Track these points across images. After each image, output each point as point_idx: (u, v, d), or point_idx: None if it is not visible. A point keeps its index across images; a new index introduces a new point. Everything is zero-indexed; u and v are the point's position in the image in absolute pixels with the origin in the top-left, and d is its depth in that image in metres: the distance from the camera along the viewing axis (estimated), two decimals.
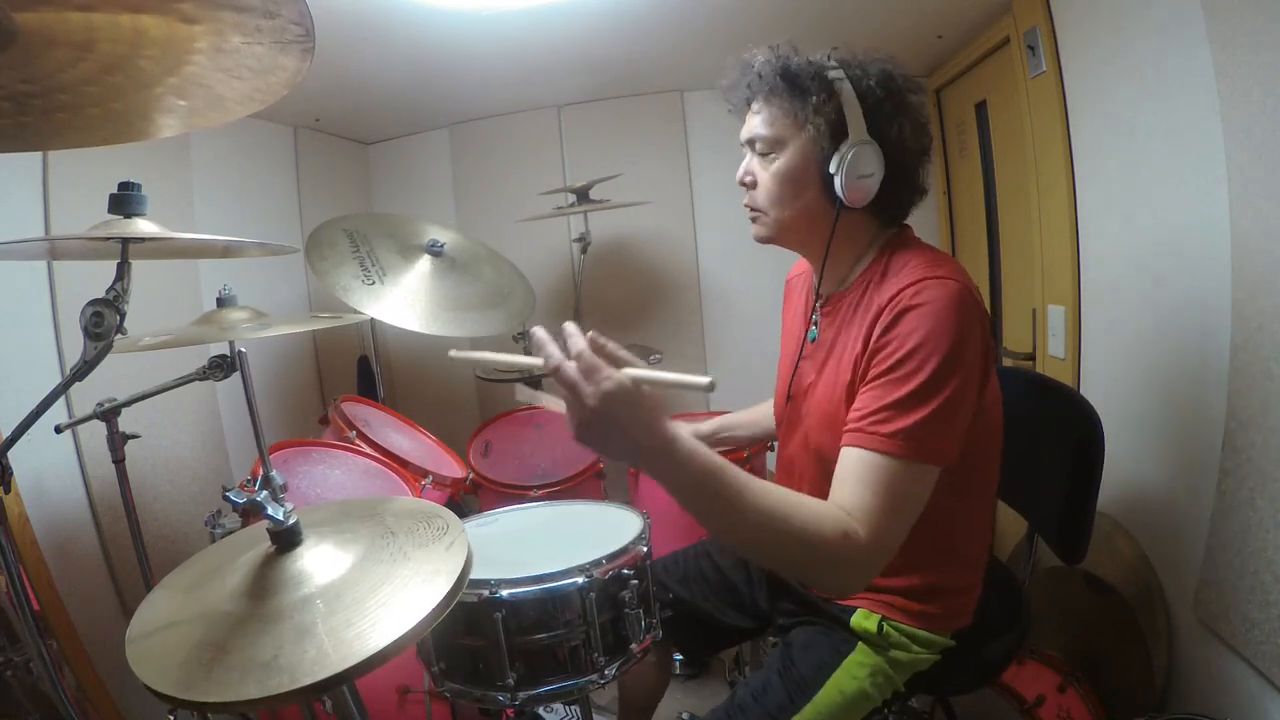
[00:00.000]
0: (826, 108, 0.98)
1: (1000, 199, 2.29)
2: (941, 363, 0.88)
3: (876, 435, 0.88)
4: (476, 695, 1.06)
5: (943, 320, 0.89)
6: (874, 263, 1.04)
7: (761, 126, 1.03)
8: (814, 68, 0.99)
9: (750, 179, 1.06)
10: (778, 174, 1.03)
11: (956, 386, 0.88)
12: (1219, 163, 1.21)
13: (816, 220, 1.04)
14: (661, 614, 1.18)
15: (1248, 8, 1.12)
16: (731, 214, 2.72)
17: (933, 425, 0.87)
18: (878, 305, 0.95)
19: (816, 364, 1.09)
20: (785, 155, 1.02)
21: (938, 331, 0.88)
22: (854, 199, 0.99)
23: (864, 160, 0.97)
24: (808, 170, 1.01)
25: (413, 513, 0.94)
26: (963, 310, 0.90)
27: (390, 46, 1.97)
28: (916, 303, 0.90)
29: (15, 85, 0.70)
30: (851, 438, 0.91)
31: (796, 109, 0.99)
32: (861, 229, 1.06)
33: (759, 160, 1.05)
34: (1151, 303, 1.48)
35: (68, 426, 1.34)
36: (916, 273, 0.94)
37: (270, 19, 0.68)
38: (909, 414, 0.87)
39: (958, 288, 0.91)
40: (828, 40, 1.06)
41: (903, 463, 0.87)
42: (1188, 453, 1.39)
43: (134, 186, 0.93)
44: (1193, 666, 1.39)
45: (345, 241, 1.96)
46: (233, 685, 0.69)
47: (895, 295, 0.92)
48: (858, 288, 1.04)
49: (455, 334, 1.95)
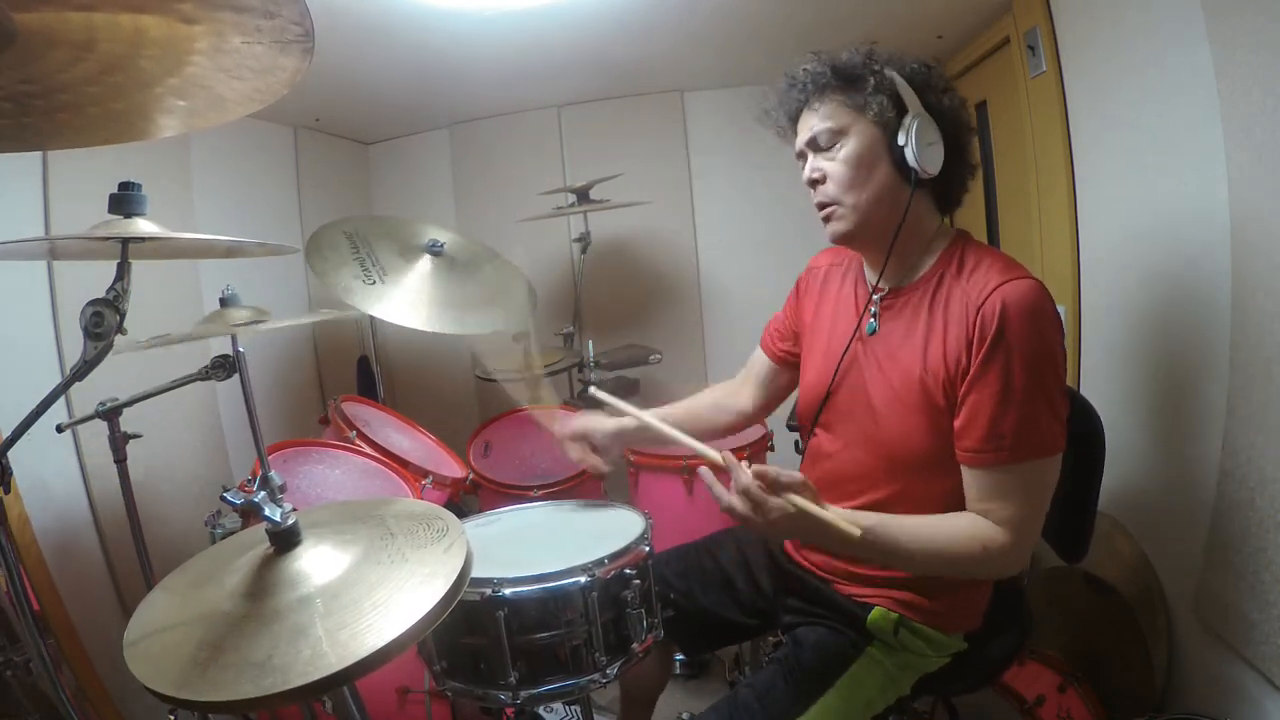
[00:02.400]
0: (883, 87, 1.02)
1: (1000, 199, 2.29)
2: (1045, 360, 0.94)
3: (1000, 454, 0.95)
4: (478, 694, 1.06)
5: (1042, 321, 0.94)
6: (943, 257, 1.06)
7: (821, 121, 1.05)
8: (861, 55, 1.05)
9: (819, 174, 1.07)
10: (848, 158, 1.04)
11: (1057, 376, 0.96)
12: (1219, 163, 1.21)
13: (892, 202, 1.05)
14: (663, 614, 1.18)
15: (1248, 8, 1.12)
16: (731, 214, 2.76)
17: (1045, 422, 0.94)
18: (964, 303, 0.98)
19: (879, 356, 1.08)
20: (851, 140, 1.04)
21: (1039, 333, 0.94)
22: (927, 168, 1.01)
23: (927, 129, 1.01)
24: (877, 148, 1.03)
25: (413, 514, 0.94)
26: (1049, 305, 0.96)
27: (390, 46, 1.97)
28: (1015, 309, 0.94)
29: (15, 85, 0.70)
30: (976, 459, 0.97)
31: (853, 97, 1.04)
32: (927, 217, 1.08)
33: (823, 156, 1.07)
34: (1152, 302, 1.48)
35: (68, 426, 1.34)
36: (1000, 273, 0.98)
37: (270, 19, 0.68)
38: (1024, 422, 0.93)
39: (1041, 286, 0.96)
40: (828, 41, 1.07)
41: (1029, 465, 0.95)
42: (1188, 453, 1.39)
43: (134, 186, 0.93)
44: (1193, 666, 1.39)
45: (345, 243, 1.96)
46: (228, 685, 0.68)
47: (987, 298, 0.96)
48: (927, 282, 1.06)
49: (456, 333, 1.95)
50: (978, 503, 0.98)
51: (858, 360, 1.11)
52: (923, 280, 1.06)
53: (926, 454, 1.02)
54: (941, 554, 0.97)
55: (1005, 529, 0.95)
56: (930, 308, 1.03)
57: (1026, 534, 0.96)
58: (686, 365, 2.80)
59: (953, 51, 2.31)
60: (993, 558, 0.95)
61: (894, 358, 1.06)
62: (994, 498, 0.96)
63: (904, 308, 1.07)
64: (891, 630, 1.06)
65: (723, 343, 2.85)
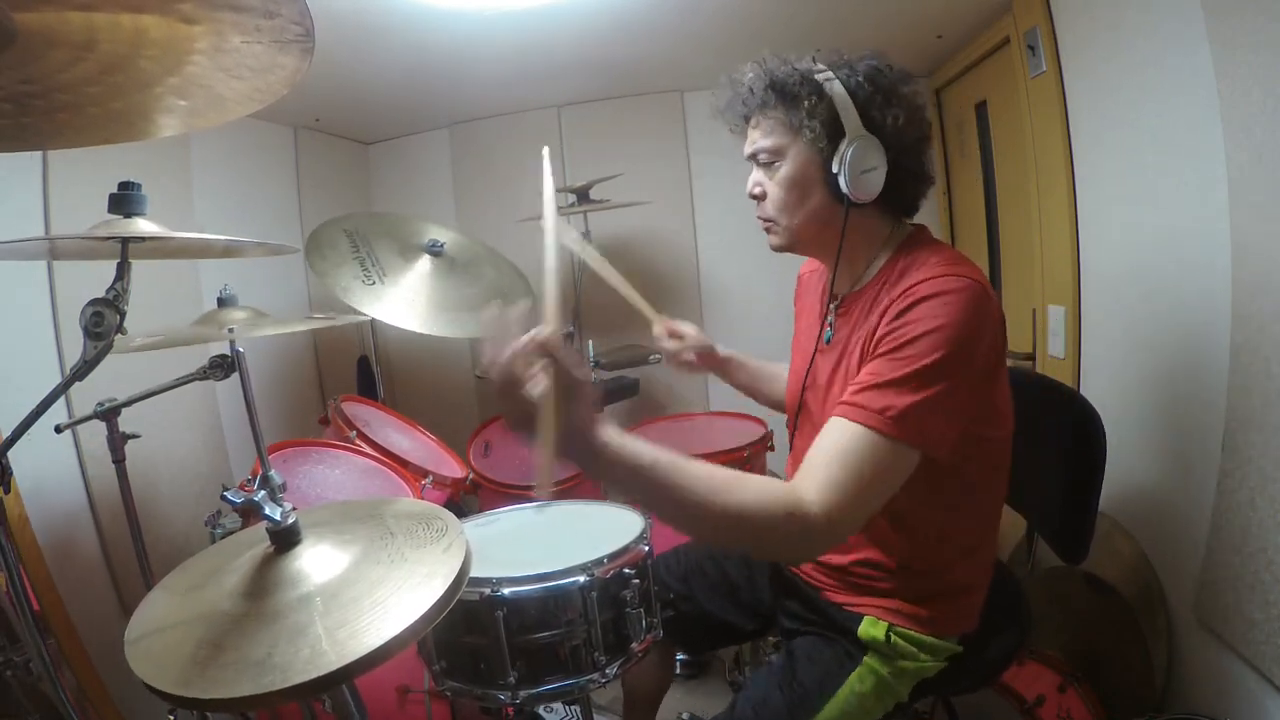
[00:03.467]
0: (819, 109, 0.99)
1: (1000, 199, 2.29)
2: (947, 353, 0.87)
3: (865, 409, 0.87)
4: (477, 694, 1.06)
5: (955, 313, 0.88)
6: (890, 261, 1.04)
7: (761, 139, 1.05)
8: (799, 73, 1.00)
9: (759, 190, 1.08)
10: (783, 181, 1.04)
11: (958, 380, 0.88)
12: (1219, 163, 1.21)
13: (827, 222, 1.04)
14: (663, 614, 1.18)
15: (1248, 8, 1.11)
16: (731, 214, 2.76)
17: (924, 410, 0.86)
18: (894, 296, 0.95)
19: (830, 364, 1.09)
20: (787, 162, 1.03)
21: (949, 323, 0.88)
22: (860, 195, 0.99)
23: (865, 154, 0.97)
24: (811, 173, 1.02)
25: (413, 514, 0.94)
26: (978, 309, 0.89)
27: (391, 46, 1.97)
28: (931, 293, 0.90)
29: (15, 85, 0.70)
30: (840, 409, 0.90)
31: (790, 116, 1.01)
32: (874, 226, 1.06)
33: (765, 172, 1.07)
34: (1151, 302, 1.48)
35: (68, 426, 1.34)
36: (935, 269, 0.94)
37: (270, 19, 0.68)
38: (903, 394, 0.86)
39: (975, 286, 0.91)
40: (828, 41, 1.06)
41: (885, 439, 0.86)
42: (1188, 453, 1.39)
43: (134, 186, 0.93)
44: (1193, 666, 1.39)
45: (345, 242, 1.96)
46: (227, 683, 0.69)
47: (910, 287, 0.93)
48: (873, 287, 1.04)
49: (456, 335, 1.96)
50: (814, 454, 0.88)
51: (818, 367, 1.13)
52: (870, 286, 1.05)
53: None
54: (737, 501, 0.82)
55: (819, 498, 0.83)
56: (869, 312, 1.01)
57: (840, 515, 0.83)
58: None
59: (953, 51, 2.31)
60: (795, 531, 0.82)
61: (841, 364, 1.06)
62: (832, 453, 0.86)
63: (850, 314, 1.07)
64: (884, 639, 1.04)
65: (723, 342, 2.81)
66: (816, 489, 0.84)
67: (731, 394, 1.55)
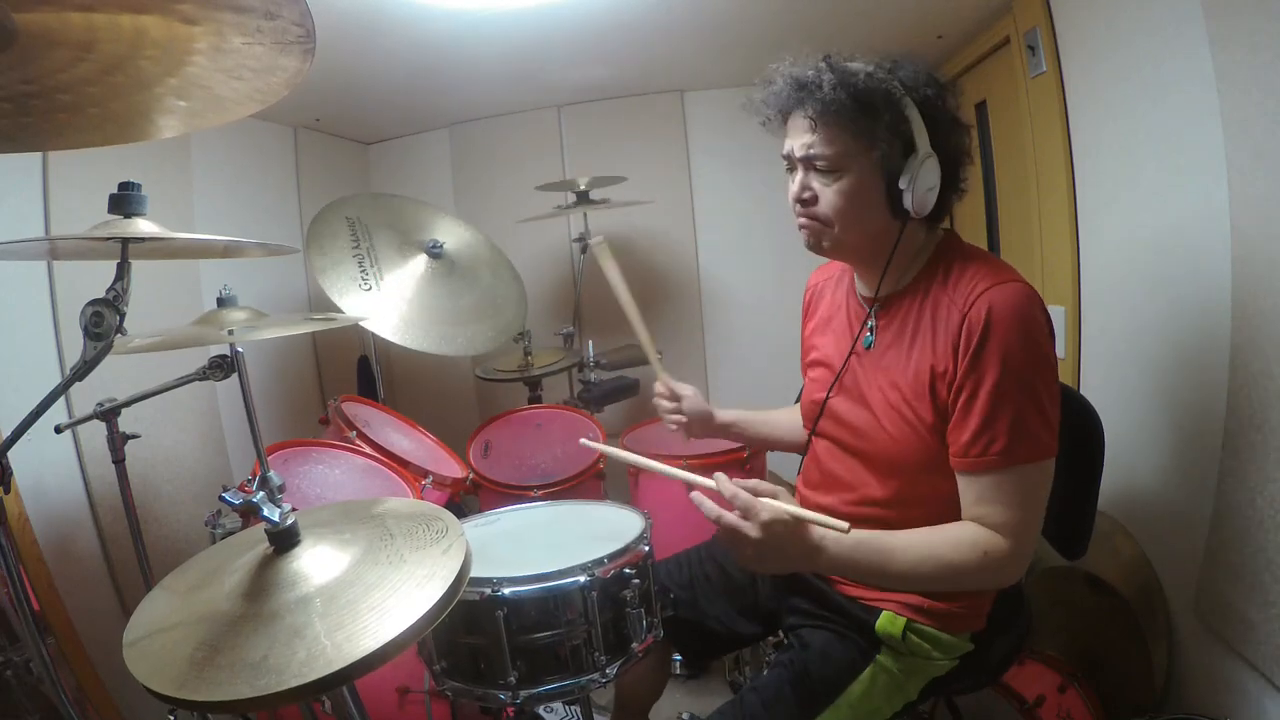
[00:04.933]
0: (897, 126, 0.98)
1: (1000, 199, 2.29)
2: (1032, 364, 0.94)
3: (989, 458, 0.94)
4: (477, 694, 1.06)
5: (1029, 325, 0.94)
6: (930, 263, 1.06)
7: (822, 145, 0.99)
8: (881, 85, 0.97)
9: (810, 195, 1.03)
10: (845, 192, 1.01)
11: (1046, 380, 0.95)
12: (1219, 163, 1.21)
13: (881, 235, 1.04)
14: (663, 614, 1.18)
15: (1248, 8, 1.12)
16: (732, 214, 2.76)
17: (1034, 426, 0.94)
18: (951, 309, 0.98)
19: (872, 368, 1.08)
20: (853, 174, 1.00)
21: (1026, 337, 0.93)
22: (921, 211, 1.00)
23: (930, 174, 0.99)
24: (876, 186, 1.00)
25: (413, 515, 0.94)
26: (1038, 308, 0.96)
27: (391, 46, 1.97)
28: (999, 313, 0.94)
29: (15, 85, 0.71)
30: (968, 464, 0.97)
31: (865, 129, 0.97)
32: (915, 234, 1.07)
33: (820, 178, 1.02)
34: (1151, 302, 1.48)
35: (68, 426, 1.34)
36: (987, 277, 0.97)
37: (271, 20, 0.68)
38: (1014, 426, 0.93)
39: (1028, 289, 0.96)
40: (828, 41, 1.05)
41: (1019, 469, 0.94)
42: (1188, 453, 1.39)
43: (134, 186, 0.93)
44: (1193, 666, 1.39)
45: (346, 232, 1.96)
46: (223, 685, 0.68)
47: (973, 303, 0.95)
48: (915, 290, 1.05)
49: (446, 353, 2.00)
50: (972, 508, 0.97)
51: (854, 371, 1.12)
52: (910, 287, 1.06)
53: (922, 460, 1.02)
54: (940, 561, 0.96)
55: (1002, 534, 0.95)
56: (919, 315, 1.03)
57: (1024, 539, 0.95)
58: (687, 365, 2.80)
59: (953, 51, 2.31)
60: (993, 564, 0.94)
61: (886, 367, 1.06)
62: (986, 503, 0.96)
63: (894, 317, 1.07)
64: (900, 635, 1.04)
65: (723, 342, 2.84)
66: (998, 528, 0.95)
67: (731, 394, 1.55)
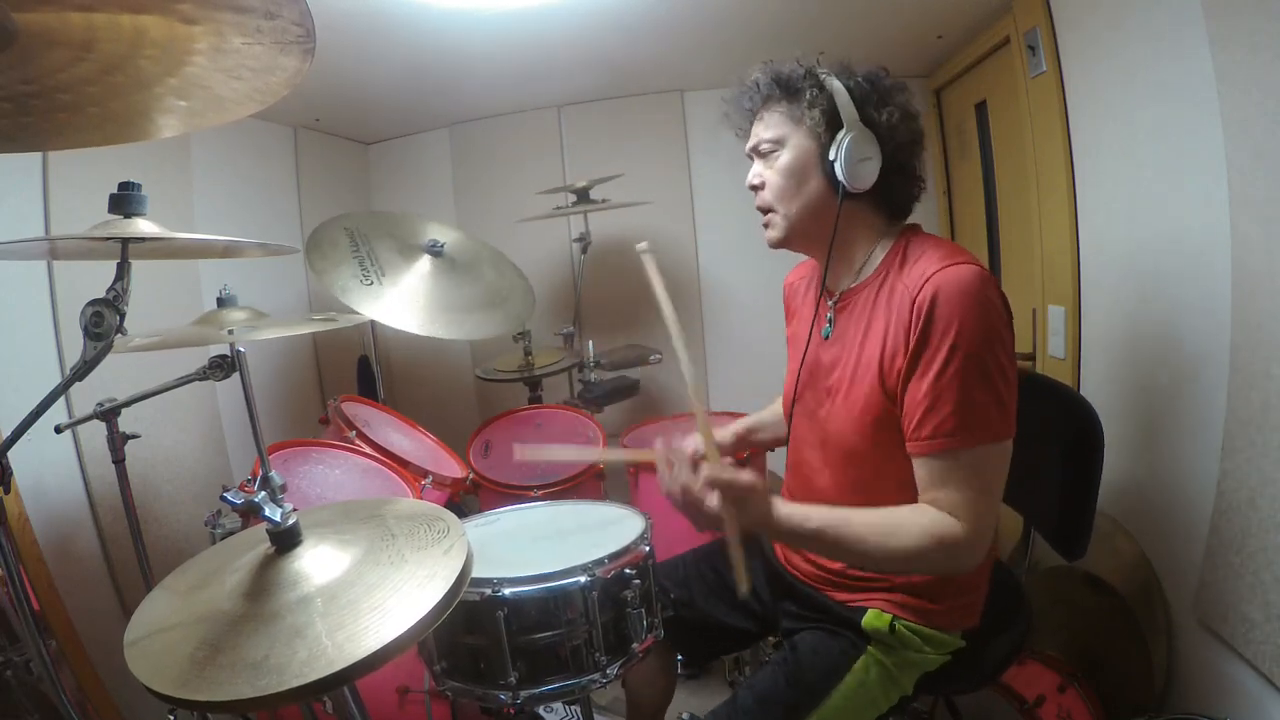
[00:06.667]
0: (819, 101, 1.06)
1: (1000, 199, 2.29)
2: (982, 344, 0.93)
3: (939, 440, 0.94)
4: (478, 694, 1.06)
5: (976, 305, 0.94)
6: (889, 254, 1.08)
7: (764, 130, 1.11)
8: (802, 68, 1.08)
9: (759, 180, 1.12)
10: (782, 168, 1.09)
11: (999, 361, 0.94)
12: (1219, 163, 1.21)
13: (822, 211, 1.08)
14: (663, 614, 1.18)
15: (1248, 8, 1.12)
16: (731, 214, 2.76)
17: (985, 406, 0.93)
18: (904, 294, 0.99)
19: (833, 358, 1.11)
20: (787, 150, 1.09)
21: (974, 316, 0.93)
22: (855, 184, 1.04)
23: (860, 145, 1.03)
24: (809, 161, 1.07)
25: (415, 515, 0.94)
26: (991, 290, 0.95)
27: (391, 46, 1.97)
28: (947, 293, 0.94)
29: (15, 85, 0.71)
30: (919, 447, 0.97)
31: (792, 108, 1.08)
32: (868, 222, 1.10)
33: (765, 162, 1.12)
34: (1151, 303, 1.48)
35: (68, 426, 1.33)
36: (938, 261, 0.98)
37: (271, 20, 0.68)
38: (963, 407, 0.93)
39: (979, 270, 0.96)
40: (828, 41, 1.08)
41: (972, 451, 0.94)
42: (1188, 453, 1.39)
43: (134, 186, 0.93)
44: (1193, 666, 1.39)
45: (345, 240, 1.96)
46: (224, 685, 0.68)
47: (922, 286, 0.96)
48: (874, 280, 1.08)
49: (454, 336, 1.96)
50: (926, 492, 0.97)
51: (818, 362, 1.15)
52: (870, 279, 1.09)
53: (883, 448, 1.03)
54: (895, 536, 0.94)
55: (956, 518, 0.93)
56: (874, 304, 1.06)
57: (979, 523, 0.94)
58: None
59: (953, 51, 2.31)
60: (948, 549, 0.93)
61: (844, 356, 1.09)
62: (939, 485, 0.95)
63: (854, 308, 1.10)
64: (888, 629, 1.06)
65: (723, 342, 2.84)
66: (953, 510, 0.94)
67: (731, 395, 1.56)
